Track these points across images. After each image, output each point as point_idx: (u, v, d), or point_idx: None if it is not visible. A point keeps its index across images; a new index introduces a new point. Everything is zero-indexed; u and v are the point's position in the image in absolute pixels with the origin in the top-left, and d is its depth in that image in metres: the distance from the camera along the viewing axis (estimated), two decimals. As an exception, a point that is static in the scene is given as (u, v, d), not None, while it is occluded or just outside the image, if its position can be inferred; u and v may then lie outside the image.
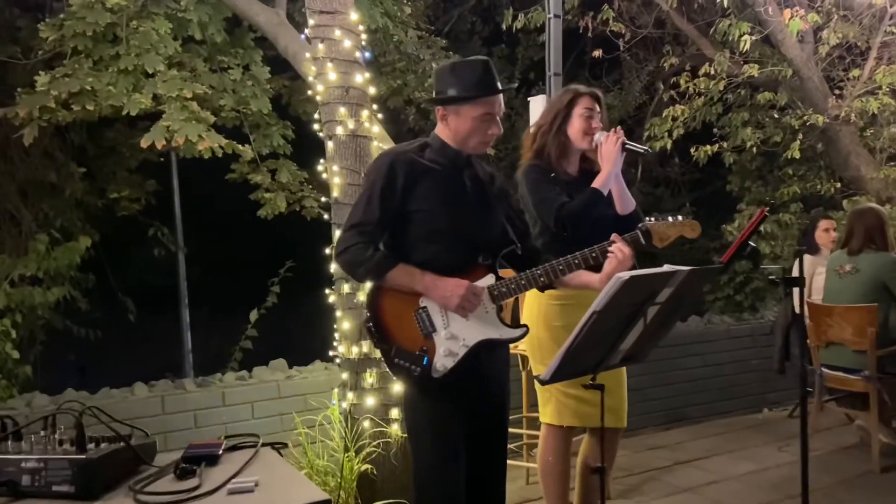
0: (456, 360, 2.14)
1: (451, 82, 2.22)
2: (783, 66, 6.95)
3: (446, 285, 2.13)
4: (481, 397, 2.28)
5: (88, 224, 7.26)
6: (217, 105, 5.36)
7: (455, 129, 2.24)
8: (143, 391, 3.79)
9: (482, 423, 2.30)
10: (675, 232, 2.24)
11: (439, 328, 2.16)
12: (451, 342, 2.15)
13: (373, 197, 2.19)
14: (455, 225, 2.20)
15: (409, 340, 2.16)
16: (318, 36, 3.62)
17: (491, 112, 2.21)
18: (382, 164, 2.22)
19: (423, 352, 2.14)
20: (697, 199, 10.83)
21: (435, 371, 2.13)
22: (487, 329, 2.17)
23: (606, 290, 1.80)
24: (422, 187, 2.20)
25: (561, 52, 4.50)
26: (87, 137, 7.17)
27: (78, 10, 4.59)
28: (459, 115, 2.22)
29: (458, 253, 2.20)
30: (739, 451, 4.54)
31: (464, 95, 2.19)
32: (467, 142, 2.24)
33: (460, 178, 2.28)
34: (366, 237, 2.18)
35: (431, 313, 2.17)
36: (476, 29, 10.31)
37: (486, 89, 2.19)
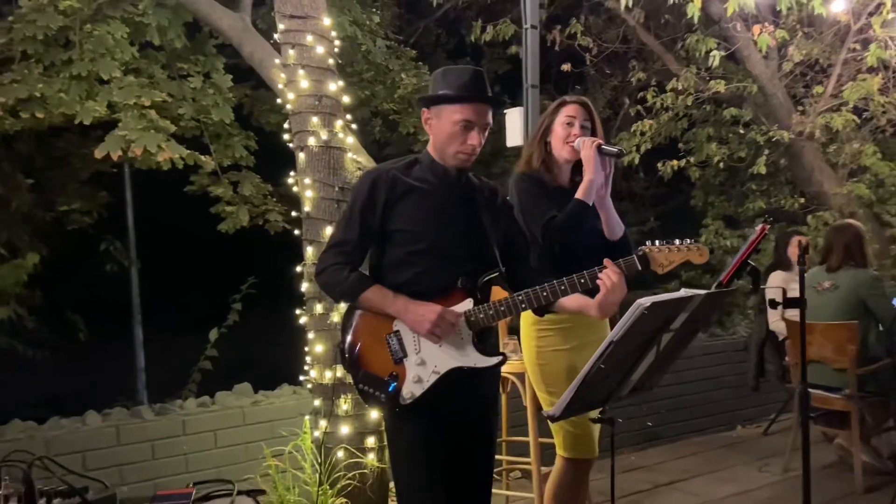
0: (424, 388, 2.06)
1: (440, 85, 2.16)
2: (748, 83, 7.00)
3: (418, 309, 2.05)
4: (465, 429, 2.18)
5: (36, 238, 6.90)
6: (176, 114, 5.11)
7: (436, 134, 2.16)
8: (95, 420, 3.51)
9: (466, 456, 2.20)
10: (679, 258, 2.11)
11: (410, 353, 2.08)
12: (420, 369, 2.07)
13: (353, 216, 2.15)
14: (435, 246, 2.12)
15: (380, 365, 2.09)
16: (289, 42, 3.43)
17: (471, 119, 2.11)
18: (364, 182, 2.17)
19: (391, 377, 2.07)
20: (661, 214, 10.89)
21: (402, 398, 2.06)
22: (460, 356, 2.08)
23: (626, 319, 1.66)
24: (404, 207, 2.13)
25: (538, 64, 4.40)
26: (36, 147, 6.80)
27: (28, 13, 4.31)
28: (440, 118, 2.14)
29: (438, 275, 2.11)
30: (719, 471, 4.46)
31: (443, 95, 2.12)
32: (447, 149, 2.14)
33: (449, 196, 2.17)
34: (343, 257, 2.14)
35: (403, 338, 2.09)
36: (441, 41, 10.22)
37: (469, 92, 2.11)
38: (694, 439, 5.21)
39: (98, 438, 3.39)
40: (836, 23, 6.38)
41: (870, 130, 7.10)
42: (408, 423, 2.11)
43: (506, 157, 9.50)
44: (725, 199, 8.75)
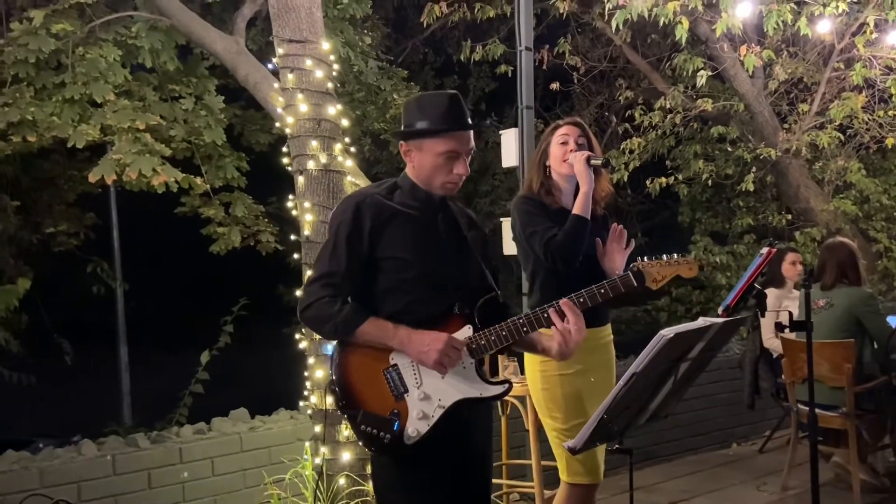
0: (430, 424, 1.93)
1: (416, 115, 2.04)
2: (735, 101, 7.10)
3: (422, 339, 1.93)
4: (465, 459, 2.08)
5: (21, 261, 6.81)
6: (167, 136, 5.08)
7: (419, 167, 2.04)
8: (90, 450, 3.44)
9: (466, 488, 2.09)
10: (670, 272, 2.11)
11: (411, 388, 1.95)
12: (424, 403, 1.94)
13: (338, 245, 1.99)
14: (428, 272, 2.01)
15: (379, 403, 1.95)
16: (288, 66, 3.43)
17: (456, 150, 2.01)
18: (347, 208, 2.02)
19: (393, 415, 1.93)
20: (648, 229, 10.97)
21: (407, 437, 1.92)
22: (466, 387, 1.96)
23: (648, 350, 1.66)
24: (391, 232, 2.00)
25: (532, 85, 4.41)
26: (22, 169, 6.74)
27: (19, 36, 4.27)
28: (422, 151, 2.02)
29: (433, 303, 2.00)
30: (717, 491, 4.45)
31: (425, 129, 2.00)
32: (431, 181, 2.04)
33: (433, 221, 2.08)
34: (332, 290, 1.97)
35: (403, 371, 1.96)
36: (428, 60, 10.28)
37: (451, 123, 2.00)
38: (690, 458, 5.20)
39: (93, 468, 3.32)
40: (820, 42, 6.49)
41: (854, 147, 7.22)
42: (408, 466, 1.97)
43: (493, 175, 9.55)
44: (712, 215, 8.84)
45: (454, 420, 1.97)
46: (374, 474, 2.10)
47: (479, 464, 2.14)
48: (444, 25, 8.67)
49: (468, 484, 2.09)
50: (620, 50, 7.87)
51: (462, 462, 2.06)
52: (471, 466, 2.09)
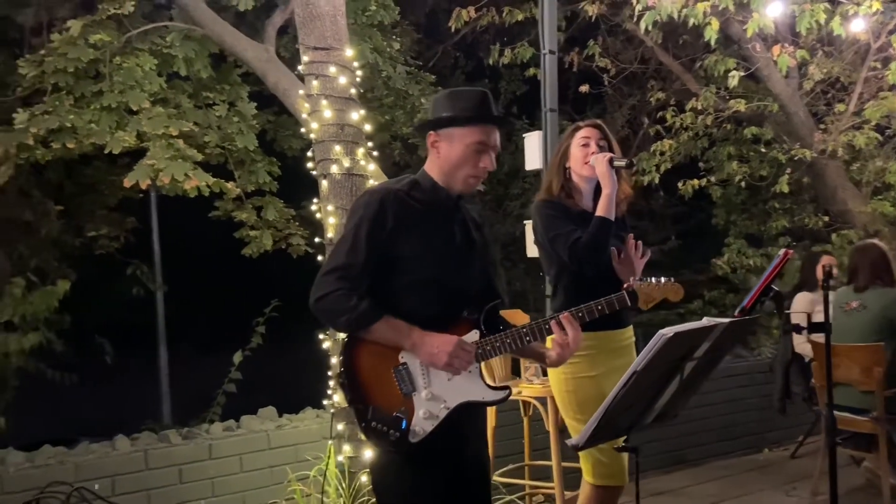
0: (436, 424, 1.96)
1: (447, 106, 2.07)
2: (769, 101, 7.00)
3: (434, 341, 1.95)
4: (462, 462, 2.11)
5: (65, 263, 7.04)
6: (202, 141, 5.22)
7: (446, 157, 2.06)
8: (124, 445, 3.57)
9: (464, 489, 2.12)
10: (659, 294, 2.14)
11: (420, 388, 1.97)
12: (431, 403, 1.96)
13: (359, 237, 1.99)
14: (441, 275, 2.03)
15: (387, 400, 1.97)
16: (313, 72, 3.52)
17: (485, 142, 2.04)
18: (371, 202, 2.02)
19: (401, 413, 1.96)
20: (682, 232, 10.85)
21: (413, 435, 1.95)
22: (470, 390, 1.99)
23: (649, 349, 1.68)
24: (409, 232, 2.01)
25: (556, 88, 4.45)
26: (65, 175, 6.98)
27: (60, 47, 4.45)
28: (452, 141, 2.04)
29: (442, 305, 2.03)
30: (745, 496, 4.41)
31: (458, 116, 2.03)
32: (457, 173, 2.06)
33: (450, 223, 2.11)
34: (348, 283, 1.96)
35: (412, 371, 1.98)
36: (459, 64, 10.33)
37: (483, 114, 2.05)
38: (720, 463, 5.15)
39: (127, 463, 3.44)
40: (855, 41, 6.37)
41: (893, 148, 7.04)
42: (408, 463, 2.00)
43: (524, 179, 9.55)
44: (747, 217, 8.70)
45: (454, 424, 2.00)
46: (375, 482, 2.11)
47: (478, 465, 2.17)
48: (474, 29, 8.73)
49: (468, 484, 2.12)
50: (652, 51, 7.82)
51: (461, 464, 2.09)
52: (470, 468, 2.13)
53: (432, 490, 2.01)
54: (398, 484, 2.03)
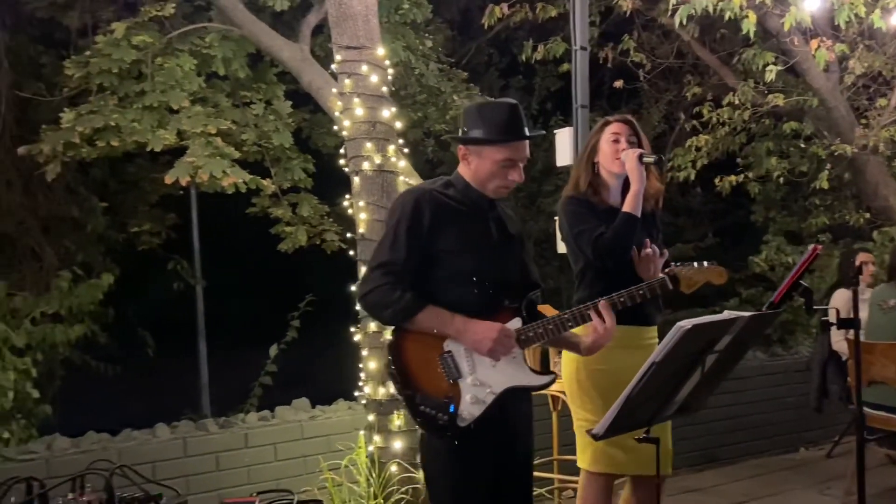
0: (483, 409, 2.05)
1: (477, 123, 2.15)
2: (808, 96, 6.88)
3: (477, 328, 2.05)
4: (507, 448, 2.18)
5: (109, 258, 7.26)
6: (239, 139, 5.34)
7: (476, 171, 2.17)
8: (164, 433, 3.70)
9: (508, 475, 2.20)
10: (702, 278, 2.17)
11: (465, 374, 2.07)
12: (477, 389, 2.05)
13: (399, 235, 2.12)
14: (480, 267, 2.14)
15: (434, 386, 2.07)
16: (345, 71, 3.59)
17: (513, 158, 2.14)
18: (408, 202, 2.15)
19: (448, 399, 2.05)
20: (720, 230, 10.70)
21: (461, 419, 2.04)
22: (515, 375, 2.08)
23: (668, 340, 1.70)
24: (447, 228, 2.13)
25: (588, 85, 4.45)
26: (110, 172, 7.20)
27: (104, 48, 4.60)
28: (481, 157, 2.15)
29: (484, 295, 2.12)
30: (779, 494, 4.37)
31: (486, 138, 2.13)
32: (486, 184, 2.17)
33: (485, 220, 2.21)
34: (392, 277, 2.09)
35: (457, 358, 2.08)
36: (493, 60, 10.33)
37: (511, 134, 2.13)
38: (753, 461, 5.11)
39: (167, 450, 3.57)
40: (898, 35, 6.22)
41: (937, 143, 6.87)
42: (455, 447, 2.07)
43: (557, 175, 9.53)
44: (787, 214, 8.56)
45: (501, 408, 2.08)
46: (425, 462, 2.21)
47: (523, 452, 2.24)
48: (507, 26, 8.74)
49: (513, 471, 2.20)
50: (688, 45, 7.73)
51: (507, 450, 2.16)
52: (515, 454, 2.19)
53: (480, 473, 2.09)
54: (447, 467, 2.11)
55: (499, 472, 2.15)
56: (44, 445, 3.54)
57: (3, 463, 3.30)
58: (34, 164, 5.40)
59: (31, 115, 6.29)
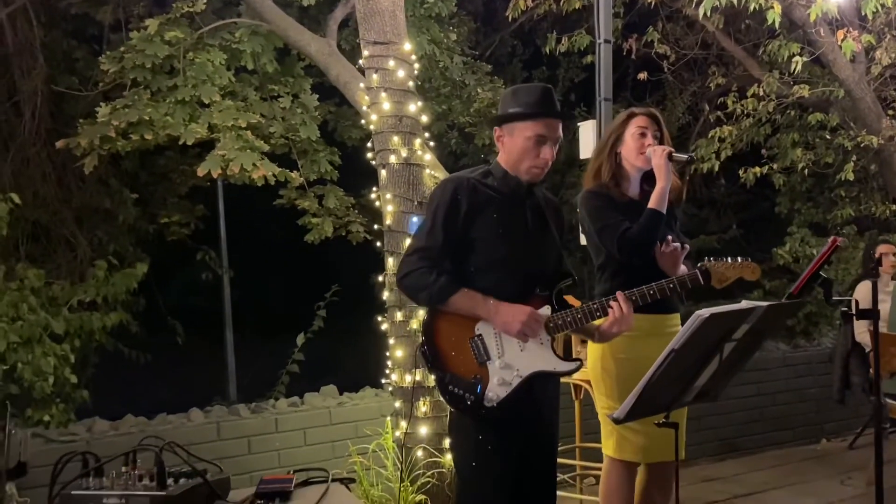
0: (509, 390, 2.13)
1: (511, 103, 2.25)
2: (834, 87, 6.83)
3: (508, 310, 2.13)
4: (534, 431, 2.25)
5: (139, 249, 7.43)
6: (267, 132, 5.45)
7: (509, 150, 2.24)
8: (199, 417, 3.83)
9: (533, 457, 2.27)
10: (734, 273, 2.22)
11: (494, 357, 2.15)
12: (505, 371, 2.14)
13: (436, 222, 2.21)
14: (514, 255, 2.20)
15: (463, 367, 2.15)
16: (373, 66, 3.66)
17: (543, 134, 2.19)
18: (447, 191, 2.23)
19: (476, 380, 2.13)
20: (744, 221, 10.64)
21: (488, 400, 2.12)
22: (542, 360, 2.16)
23: (686, 328, 1.77)
24: (484, 216, 2.20)
25: (611, 77, 4.48)
26: (140, 164, 7.36)
27: (137, 44, 4.73)
28: (513, 135, 2.22)
29: (517, 283, 2.20)
30: (799, 484, 4.40)
31: (515, 113, 2.21)
32: (520, 164, 2.23)
33: (521, 208, 2.27)
34: (429, 262, 2.18)
35: (486, 341, 2.16)
36: (517, 52, 10.35)
37: (540, 109, 2.20)
38: (775, 452, 5.13)
39: (201, 433, 3.70)
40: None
41: (966, 134, 6.79)
42: (483, 428, 2.15)
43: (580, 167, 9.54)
44: (812, 206, 8.51)
45: (528, 392, 2.16)
46: (453, 442, 2.31)
47: (548, 435, 2.31)
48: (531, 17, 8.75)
49: (537, 453, 2.27)
50: (714, 36, 7.71)
51: (532, 432, 2.24)
52: (540, 437, 2.27)
53: (504, 452, 2.17)
54: (473, 444, 2.19)
55: (523, 452, 2.22)
56: (84, 428, 3.70)
57: (46, 444, 3.46)
58: (68, 157, 5.56)
59: (66, 109, 6.47)
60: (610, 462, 2.80)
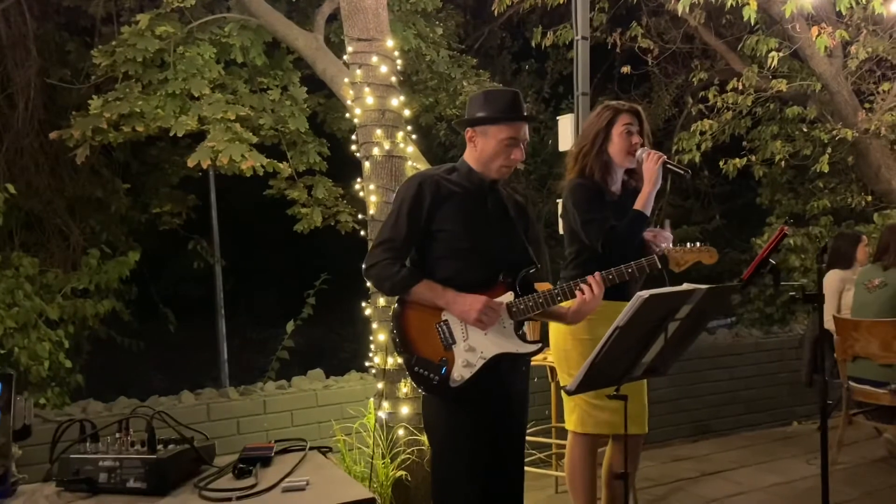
0: (473, 371, 2.27)
1: (482, 107, 2.38)
2: (812, 81, 7.00)
3: (465, 301, 2.26)
4: (502, 410, 2.38)
5: (132, 238, 7.56)
6: (257, 124, 5.59)
7: (481, 150, 2.37)
8: (189, 399, 3.99)
9: (502, 434, 2.40)
10: (692, 258, 2.36)
11: (459, 340, 2.29)
12: (469, 354, 2.28)
13: (401, 215, 2.34)
14: (476, 245, 2.34)
15: (431, 351, 2.30)
16: (356, 62, 3.80)
17: (515, 137, 2.35)
18: (411, 185, 2.38)
19: (442, 362, 2.28)
20: (727, 212, 10.84)
21: (452, 381, 2.27)
22: (504, 343, 2.30)
23: (629, 308, 1.93)
24: (447, 208, 2.34)
25: (588, 72, 4.64)
26: (132, 155, 7.48)
27: (129, 38, 4.86)
28: (486, 136, 2.36)
29: (480, 271, 2.33)
30: (767, 463, 4.60)
31: (492, 116, 2.35)
32: (491, 164, 2.37)
33: (483, 201, 2.41)
34: (393, 253, 2.32)
35: (452, 326, 2.30)
36: (506, 44, 10.48)
37: (513, 114, 2.36)
38: (747, 434, 5.33)
39: (192, 414, 3.85)
40: (902, 20, 6.33)
41: (940, 127, 6.97)
42: (453, 411, 2.28)
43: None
44: (793, 197, 8.70)
45: (494, 372, 2.30)
46: (425, 418, 2.45)
47: (516, 413, 2.45)
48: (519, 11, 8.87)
49: (505, 429, 2.41)
50: (696, 30, 7.86)
51: (500, 410, 2.38)
52: (508, 415, 2.41)
53: (470, 429, 2.32)
54: (441, 422, 2.36)
55: (492, 429, 2.36)
56: (79, 409, 3.86)
57: (44, 423, 3.61)
58: (61, 147, 5.68)
59: (59, 101, 6.58)
60: (573, 436, 2.97)
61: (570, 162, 3.02)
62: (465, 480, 2.29)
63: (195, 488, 1.74)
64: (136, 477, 1.70)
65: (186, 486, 1.77)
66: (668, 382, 5.18)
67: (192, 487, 1.75)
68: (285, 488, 1.73)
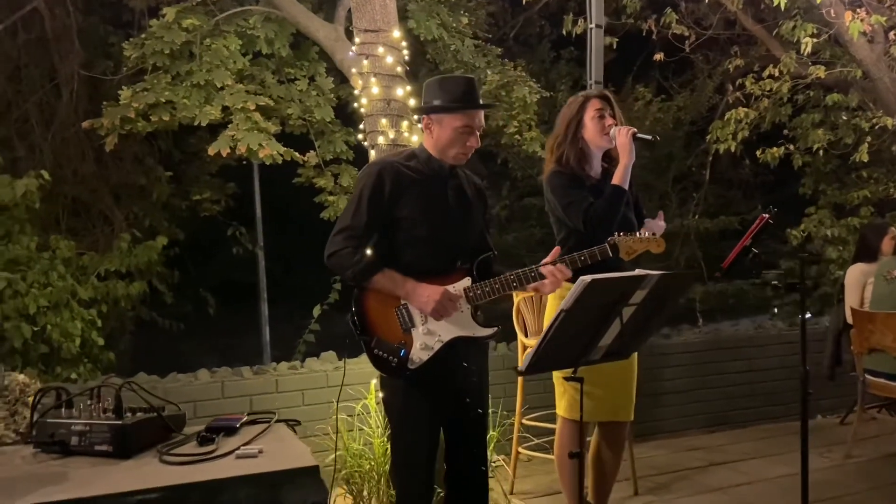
0: (431, 354, 2.33)
1: (437, 94, 2.40)
2: (852, 67, 6.78)
3: (423, 291, 2.31)
4: (460, 391, 2.44)
5: (174, 224, 7.86)
6: (285, 114, 5.74)
7: (437, 138, 2.40)
8: (205, 377, 4.18)
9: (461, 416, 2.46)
10: (641, 247, 2.39)
11: (417, 324, 2.35)
12: (427, 337, 2.34)
13: (361, 203, 2.36)
14: (435, 232, 2.38)
15: (390, 334, 2.34)
16: (364, 53, 3.89)
17: (471, 125, 2.38)
18: (371, 174, 2.41)
19: (400, 345, 2.33)
20: (770, 202, 10.55)
21: (411, 363, 2.32)
22: (461, 327, 2.35)
23: (573, 292, 1.97)
24: (407, 196, 2.37)
25: (602, 61, 4.62)
26: (173, 144, 7.77)
27: (157, 30, 5.06)
28: (441, 125, 2.39)
29: (439, 257, 2.38)
30: (779, 455, 4.54)
31: (446, 106, 2.37)
32: (447, 151, 2.40)
33: (443, 188, 2.44)
34: (353, 241, 2.35)
35: (411, 310, 2.36)
36: (544, 32, 10.42)
37: (468, 103, 2.38)
38: (766, 426, 5.26)
39: (206, 391, 4.04)
40: (945, 2, 6.07)
41: None
42: (410, 394, 2.34)
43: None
44: (838, 186, 8.44)
45: (452, 355, 2.36)
46: (384, 400, 2.52)
47: (474, 394, 2.51)
48: (551, 0, 8.80)
49: (463, 410, 2.48)
50: (736, 15, 7.69)
51: (458, 391, 2.44)
52: (466, 396, 2.47)
53: (428, 410, 2.39)
54: (399, 403, 2.43)
55: (452, 408, 2.43)
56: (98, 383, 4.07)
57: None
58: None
59: (102, 91, 6.89)
60: (563, 422, 3.03)
61: (547, 153, 3.08)
62: (422, 461, 2.36)
63: (157, 452, 1.87)
64: (104, 441, 1.84)
65: (150, 450, 1.90)
66: (685, 373, 5.15)
67: (154, 452, 1.88)
68: (239, 455, 1.85)
